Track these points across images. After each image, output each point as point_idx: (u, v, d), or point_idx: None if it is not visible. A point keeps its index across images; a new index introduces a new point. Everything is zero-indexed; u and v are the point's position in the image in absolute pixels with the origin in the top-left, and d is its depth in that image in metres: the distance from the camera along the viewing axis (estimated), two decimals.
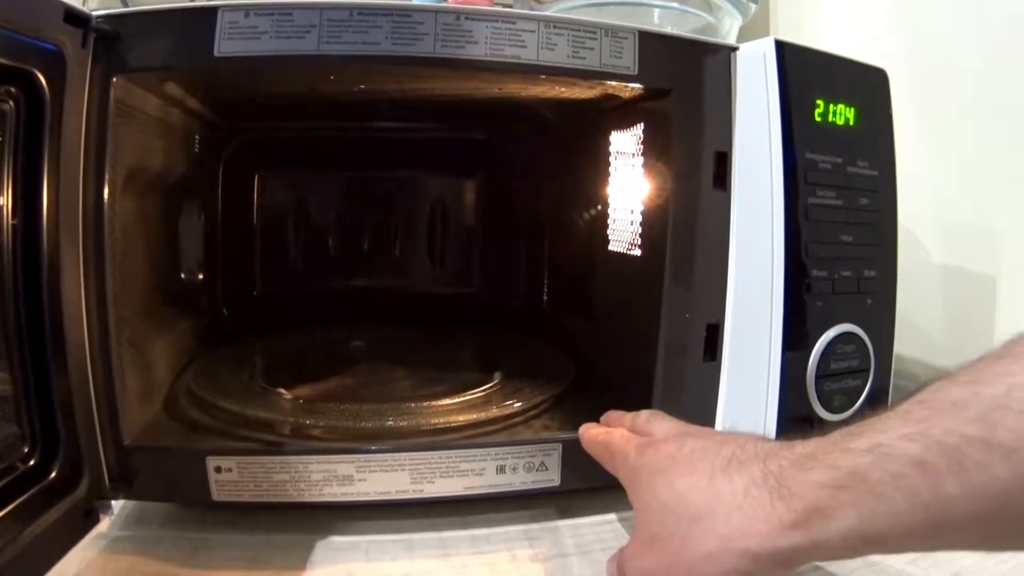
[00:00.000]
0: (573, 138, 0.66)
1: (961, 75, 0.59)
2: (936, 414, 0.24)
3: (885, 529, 0.24)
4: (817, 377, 0.45)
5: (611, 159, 0.58)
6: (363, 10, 0.40)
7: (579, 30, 0.43)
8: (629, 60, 0.44)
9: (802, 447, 0.28)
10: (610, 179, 0.58)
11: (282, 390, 0.52)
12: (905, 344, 0.50)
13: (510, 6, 0.73)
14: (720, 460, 0.30)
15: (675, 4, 0.65)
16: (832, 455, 0.26)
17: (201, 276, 0.66)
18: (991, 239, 0.57)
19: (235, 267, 0.72)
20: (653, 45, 0.44)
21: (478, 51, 0.41)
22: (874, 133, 0.48)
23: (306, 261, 0.78)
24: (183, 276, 0.62)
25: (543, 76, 0.44)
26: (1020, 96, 0.54)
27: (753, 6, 0.67)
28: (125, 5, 0.81)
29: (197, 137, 0.62)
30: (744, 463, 0.29)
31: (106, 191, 0.40)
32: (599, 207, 0.60)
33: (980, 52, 0.57)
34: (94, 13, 0.39)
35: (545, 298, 0.77)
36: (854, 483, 0.25)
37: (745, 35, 0.72)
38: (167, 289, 0.57)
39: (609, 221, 0.59)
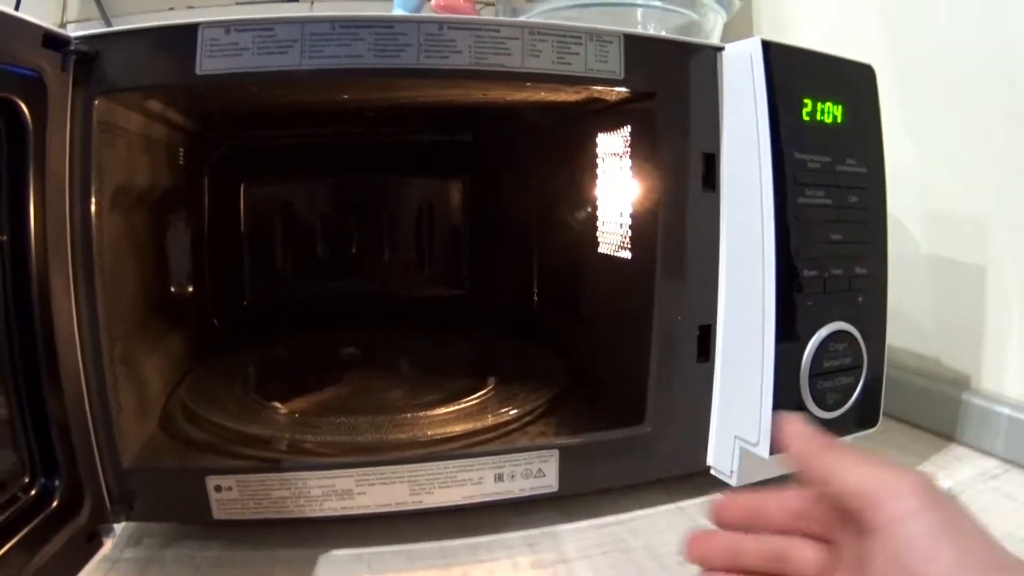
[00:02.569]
0: (560, 139, 0.66)
1: (948, 68, 0.59)
2: None
3: None
4: (811, 376, 0.45)
5: (599, 160, 0.58)
6: (345, 23, 0.40)
7: (564, 35, 0.43)
8: (615, 64, 0.43)
9: None
10: (598, 180, 0.58)
11: (277, 404, 0.52)
12: (896, 335, 0.50)
13: (492, 4, 0.72)
14: None
15: (658, 3, 0.64)
16: None
17: (191, 288, 0.66)
18: (979, 229, 0.57)
19: (224, 277, 0.72)
20: (639, 48, 0.44)
21: (462, 60, 0.41)
22: (862, 130, 0.47)
23: (295, 268, 0.78)
24: (173, 289, 0.62)
25: (528, 83, 0.44)
26: (1007, 87, 0.54)
27: (737, 2, 0.66)
28: (108, 24, 0.80)
29: (181, 149, 0.61)
30: None
31: (93, 211, 0.40)
32: (588, 208, 0.60)
33: (967, 45, 0.57)
34: (73, 35, 0.38)
35: (535, 299, 0.77)
36: None
37: (729, 31, 0.72)
38: (157, 303, 0.57)
39: (598, 223, 0.59)
